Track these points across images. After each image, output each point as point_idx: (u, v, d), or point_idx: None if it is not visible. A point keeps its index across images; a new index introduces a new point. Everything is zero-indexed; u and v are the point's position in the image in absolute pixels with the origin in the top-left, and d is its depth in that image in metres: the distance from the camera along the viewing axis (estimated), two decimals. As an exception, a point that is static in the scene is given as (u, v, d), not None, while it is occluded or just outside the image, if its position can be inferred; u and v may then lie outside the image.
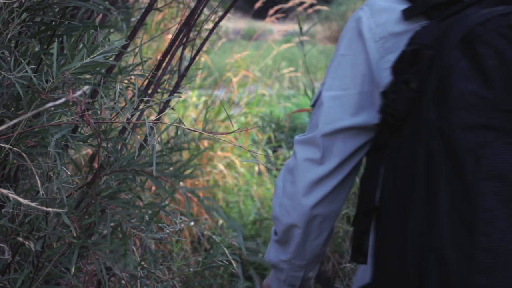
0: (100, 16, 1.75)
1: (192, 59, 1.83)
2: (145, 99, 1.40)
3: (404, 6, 0.97)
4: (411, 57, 0.90)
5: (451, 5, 0.91)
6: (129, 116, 1.26)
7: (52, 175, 1.33)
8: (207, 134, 1.26)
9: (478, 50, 0.83)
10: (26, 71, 1.27)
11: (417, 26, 0.94)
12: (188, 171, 2.34)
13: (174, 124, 1.26)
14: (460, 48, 0.84)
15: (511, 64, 0.83)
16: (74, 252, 1.32)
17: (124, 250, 1.40)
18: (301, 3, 4.89)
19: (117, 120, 1.26)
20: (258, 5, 4.98)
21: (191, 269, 1.91)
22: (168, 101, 1.83)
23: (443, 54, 0.85)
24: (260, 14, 5.67)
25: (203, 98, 5.09)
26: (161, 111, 1.72)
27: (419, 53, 0.88)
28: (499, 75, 0.84)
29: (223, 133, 1.24)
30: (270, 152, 5.11)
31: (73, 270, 1.29)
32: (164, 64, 1.76)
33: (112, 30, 1.72)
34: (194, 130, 1.29)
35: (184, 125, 1.25)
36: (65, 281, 1.68)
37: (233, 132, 1.30)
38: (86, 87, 1.04)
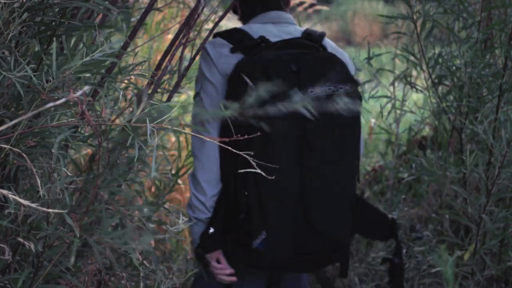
0: (100, 16, 1.75)
1: (192, 59, 1.83)
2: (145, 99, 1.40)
3: (231, 45, 1.86)
4: (235, 75, 1.78)
5: (255, 48, 1.82)
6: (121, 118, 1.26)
7: (53, 175, 1.33)
8: (208, 139, 1.25)
9: (269, 71, 1.71)
10: (26, 71, 1.27)
11: (237, 56, 1.83)
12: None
13: (174, 127, 1.26)
14: (260, 70, 1.72)
15: (281, 75, 1.68)
16: (74, 246, 1.31)
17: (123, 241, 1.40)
18: (301, 3, 4.88)
19: (117, 121, 1.26)
20: (258, 5, 4.96)
21: (191, 269, 1.90)
22: (168, 100, 1.83)
23: (253, 73, 1.71)
24: (260, 14, 5.66)
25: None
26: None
27: (239, 73, 1.75)
28: (276, 79, 1.62)
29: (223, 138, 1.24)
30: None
31: (72, 261, 1.29)
32: (164, 64, 1.76)
33: (112, 30, 1.71)
34: (193, 134, 1.29)
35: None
36: (65, 281, 1.68)
37: (233, 139, 1.30)
38: (86, 87, 1.04)
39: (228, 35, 1.89)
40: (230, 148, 1.30)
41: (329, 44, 2.02)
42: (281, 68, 1.73)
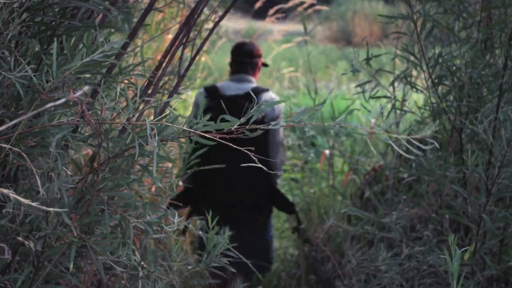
0: (100, 16, 1.75)
1: (192, 59, 1.83)
2: (145, 99, 1.40)
3: (206, 94, 3.37)
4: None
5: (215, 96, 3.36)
6: (131, 116, 1.26)
7: (52, 175, 1.33)
8: (207, 136, 1.26)
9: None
10: (26, 71, 1.27)
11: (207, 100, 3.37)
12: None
13: (173, 125, 1.26)
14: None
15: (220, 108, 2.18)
16: (72, 249, 1.32)
17: (122, 241, 1.40)
18: (301, 3, 4.88)
19: (117, 120, 1.26)
20: (258, 5, 4.98)
21: (190, 268, 1.91)
22: (168, 101, 1.83)
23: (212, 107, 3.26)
24: (260, 14, 5.67)
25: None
26: (161, 111, 1.72)
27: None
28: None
29: (221, 134, 1.24)
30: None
31: (71, 266, 1.29)
32: (164, 65, 1.76)
33: (112, 30, 1.71)
34: (192, 131, 1.29)
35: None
36: (65, 281, 1.68)
37: (232, 135, 1.30)
38: (86, 87, 1.04)
39: (207, 88, 3.38)
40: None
41: (267, 95, 3.35)
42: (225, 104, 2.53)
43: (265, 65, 3.66)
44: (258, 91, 3.31)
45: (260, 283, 3.72)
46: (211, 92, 3.34)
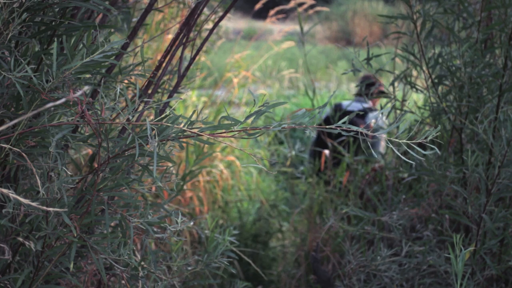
0: (100, 16, 1.75)
1: (192, 59, 1.83)
2: (145, 99, 1.40)
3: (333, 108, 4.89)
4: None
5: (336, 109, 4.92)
6: (130, 117, 1.26)
7: (52, 175, 1.34)
8: (207, 136, 1.26)
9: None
10: (26, 71, 1.27)
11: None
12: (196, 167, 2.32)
13: (174, 125, 1.26)
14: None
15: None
16: (72, 249, 1.32)
17: (122, 240, 1.40)
18: (301, 4, 4.88)
19: (117, 120, 1.26)
20: (258, 5, 4.98)
21: (190, 268, 1.91)
22: (168, 101, 1.83)
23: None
24: (261, 15, 5.67)
25: (203, 98, 5.09)
26: (161, 111, 1.72)
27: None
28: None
29: (222, 135, 1.24)
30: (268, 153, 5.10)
31: (71, 266, 1.29)
32: (164, 64, 1.76)
33: (112, 30, 1.71)
34: (195, 133, 1.29)
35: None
36: (65, 281, 1.68)
37: (232, 132, 1.30)
38: (86, 87, 1.04)
39: (335, 104, 4.79)
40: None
41: (374, 114, 4.42)
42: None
43: (381, 92, 4.60)
44: (367, 110, 4.56)
45: (260, 283, 3.72)
46: (336, 106, 4.82)
